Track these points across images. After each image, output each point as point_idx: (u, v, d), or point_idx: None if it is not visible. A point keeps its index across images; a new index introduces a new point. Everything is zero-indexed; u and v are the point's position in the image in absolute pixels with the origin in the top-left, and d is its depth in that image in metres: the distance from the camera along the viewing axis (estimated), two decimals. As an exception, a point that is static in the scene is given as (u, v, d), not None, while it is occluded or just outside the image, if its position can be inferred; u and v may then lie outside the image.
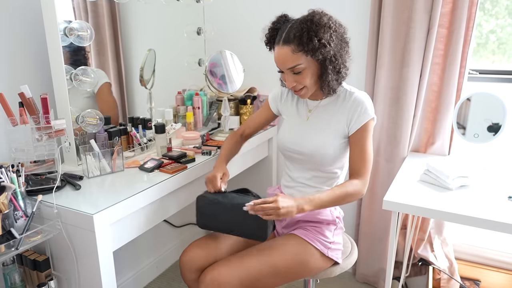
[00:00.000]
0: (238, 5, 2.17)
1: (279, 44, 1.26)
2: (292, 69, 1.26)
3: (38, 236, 1.14)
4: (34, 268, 1.24)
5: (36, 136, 1.23)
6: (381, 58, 1.78)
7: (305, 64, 1.25)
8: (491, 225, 1.26)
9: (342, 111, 1.34)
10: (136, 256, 2.08)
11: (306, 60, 1.24)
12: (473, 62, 1.86)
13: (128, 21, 1.75)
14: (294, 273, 1.32)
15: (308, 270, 1.34)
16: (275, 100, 1.52)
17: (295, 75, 1.27)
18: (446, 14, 1.66)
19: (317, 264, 1.35)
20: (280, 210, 1.16)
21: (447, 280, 1.86)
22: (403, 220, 1.91)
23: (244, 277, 1.23)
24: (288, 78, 1.29)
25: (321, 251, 1.34)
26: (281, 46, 1.25)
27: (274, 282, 1.30)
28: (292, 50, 1.23)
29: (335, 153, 1.34)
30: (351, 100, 1.33)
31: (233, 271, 1.23)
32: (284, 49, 1.24)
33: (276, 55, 1.28)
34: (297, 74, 1.27)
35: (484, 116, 1.68)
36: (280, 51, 1.25)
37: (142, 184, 1.32)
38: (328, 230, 1.38)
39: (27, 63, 1.47)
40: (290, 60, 1.24)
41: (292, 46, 1.23)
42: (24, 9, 1.44)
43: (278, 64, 1.29)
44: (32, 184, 1.25)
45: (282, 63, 1.27)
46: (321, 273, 1.37)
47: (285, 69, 1.27)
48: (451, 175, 1.45)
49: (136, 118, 1.68)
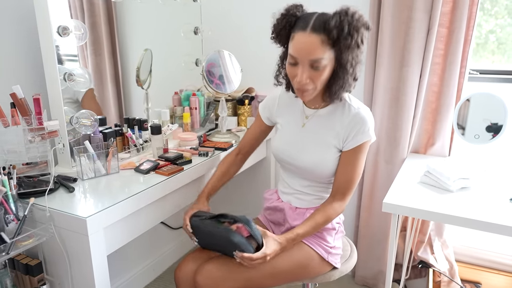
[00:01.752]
0: (236, 5, 2.14)
1: (305, 31, 1.10)
2: (313, 63, 1.11)
3: (30, 240, 1.11)
4: (26, 273, 1.22)
5: (29, 138, 1.20)
6: (380, 58, 1.76)
7: (327, 61, 1.12)
8: (492, 228, 1.23)
9: (341, 125, 1.25)
10: (132, 259, 2.05)
11: (329, 57, 1.12)
12: (473, 62, 1.84)
13: (124, 20, 1.73)
14: (293, 275, 1.29)
15: (306, 273, 1.31)
16: (268, 108, 1.42)
17: (312, 70, 1.13)
18: (446, 14, 1.64)
19: (316, 268, 1.32)
20: (267, 259, 1.15)
21: (447, 283, 1.84)
22: (403, 222, 1.89)
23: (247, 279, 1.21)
24: (303, 72, 1.14)
25: (321, 255, 1.32)
26: (309, 33, 1.09)
27: (272, 282, 1.27)
28: (322, 41, 1.09)
29: (334, 168, 1.28)
30: (351, 115, 1.24)
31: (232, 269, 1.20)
32: (312, 37, 1.09)
33: (298, 42, 1.12)
34: (315, 70, 1.13)
35: (484, 117, 1.66)
36: (307, 38, 1.10)
37: (138, 186, 1.29)
38: (329, 235, 1.35)
39: (19, 62, 1.44)
40: (316, 52, 1.10)
41: (323, 36, 1.09)
42: (16, 8, 1.41)
43: (298, 53, 1.12)
44: (24, 186, 1.22)
45: (306, 53, 1.11)
46: (320, 277, 1.35)
47: (305, 61, 1.12)
48: (452, 177, 1.43)
49: (132, 119, 1.66)
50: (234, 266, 1.20)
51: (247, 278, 1.21)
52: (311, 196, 1.36)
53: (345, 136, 1.24)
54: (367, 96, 1.85)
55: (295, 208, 1.37)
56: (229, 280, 1.20)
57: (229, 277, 1.20)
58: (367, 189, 1.93)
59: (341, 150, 1.27)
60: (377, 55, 1.77)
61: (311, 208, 1.36)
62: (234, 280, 1.20)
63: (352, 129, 1.23)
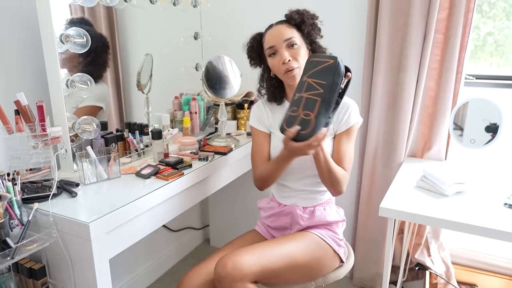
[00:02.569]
0: (235, 10, 2.17)
1: (271, 27, 1.37)
2: (288, 41, 1.32)
3: (34, 245, 1.13)
4: (30, 276, 1.24)
5: (32, 144, 1.22)
6: (378, 63, 1.78)
7: (298, 41, 1.34)
8: (487, 233, 1.26)
9: None
10: (133, 261, 2.08)
11: (299, 37, 1.35)
12: (471, 65, 1.87)
13: (125, 26, 1.75)
14: (310, 269, 1.33)
15: (321, 267, 1.35)
16: (260, 118, 1.47)
17: (290, 48, 1.33)
18: (442, 20, 1.67)
19: (327, 261, 1.37)
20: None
21: (443, 285, 1.86)
22: (400, 225, 1.92)
23: (265, 266, 1.23)
24: (283, 54, 1.32)
25: (333, 248, 1.38)
26: (275, 25, 1.37)
27: (291, 277, 1.30)
28: (287, 26, 1.35)
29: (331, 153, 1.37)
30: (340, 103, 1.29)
31: (256, 259, 1.23)
32: (278, 26, 1.36)
33: (271, 33, 1.36)
34: (292, 48, 1.33)
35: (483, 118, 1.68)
36: (275, 28, 1.36)
37: (139, 191, 1.31)
38: (338, 227, 1.43)
39: (23, 70, 1.47)
40: (286, 32, 1.33)
41: (286, 24, 1.36)
42: (19, 17, 1.43)
43: (273, 40, 1.34)
44: (28, 192, 1.24)
45: (279, 37, 1.33)
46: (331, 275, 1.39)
47: (281, 42, 1.32)
48: (448, 182, 1.46)
49: (133, 123, 1.68)
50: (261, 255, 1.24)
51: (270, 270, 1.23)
52: (317, 193, 1.42)
53: (338, 121, 1.37)
54: (365, 101, 1.88)
55: (303, 208, 1.42)
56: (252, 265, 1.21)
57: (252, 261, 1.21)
58: (364, 192, 1.96)
59: (334, 134, 1.39)
60: (375, 61, 1.79)
61: (319, 204, 1.42)
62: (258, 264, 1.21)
63: (343, 114, 1.37)
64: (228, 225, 2.45)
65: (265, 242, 1.35)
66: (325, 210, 1.42)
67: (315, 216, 1.41)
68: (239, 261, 1.20)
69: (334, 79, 1.16)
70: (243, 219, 2.38)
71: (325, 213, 1.42)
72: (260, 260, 1.23)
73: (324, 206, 1.43)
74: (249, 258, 1.22)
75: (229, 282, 1.18)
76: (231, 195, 2.32)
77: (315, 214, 1.41)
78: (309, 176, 1.40)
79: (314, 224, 1.41)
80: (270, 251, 1.27)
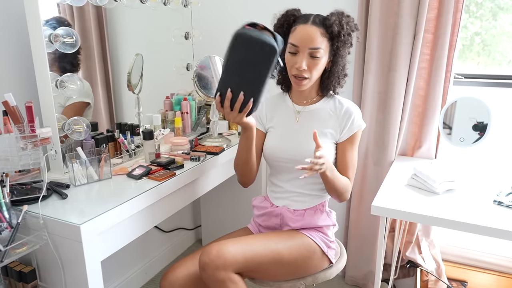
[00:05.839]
0: (226, 10, 2.16)
1: (306, 23, 1.26)
2: (313, 51, 1.25)
3: (24, 248, 1.12)
4: (20, 280, 1.22)
5: (21, 145, 1.21)
6: (368, 63, 1.79)
7: (323, 52, 1.27)
8: (477, 230, 1.28)
9: (336, 118, 1.37)
10: (125, 262, 2.06)
11: (326, 49, 1.28)
12: (459, 64, 1.89)
13: (115, 25, 1.74)
14: (296, 267, 1.32)
15: (308, 266, 1.35)
16: (258, 118, 1.45)
17: (311, 58, 1.27)
18: (431, 20, 1.68)
19: (316, 261, 1.36)
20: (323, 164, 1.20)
21: (434, 282, 1.88)
22: (392, 223, 1.93)
23: (250, 257, 1.23)
24: (302, 59, 1.26)
25: (322, 249, 1.37)
26: (310, 25, 1.25)
27: (276, 272, 1.30)
28: (321, 33, 1.25)
29: (331, 158, 1.36)
30: (344, 109, 1.37)
31: (240, 249, 1.22)
32: (313, 28, 1.25)
33: (300, 32, 1.26)
34: (313, 59, 1.27)
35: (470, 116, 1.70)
36: (308, 29, 1.25)
37: (130, 192, 1.30)
38: (329, 230, 1.43)
39: (11, 70, 1.45)
40: (316, 41, 1.25)
41: (322, 30, 1.25)
42: (7, 16, 1.41)
43: (299, 41, 1.26)
44: (17, 194, 1.22)
45: (307, 41, 1.25)
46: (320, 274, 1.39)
47: (306, 49, 1.25)
48: (438, 180, 1.47)
49: (123, 124, 1.67)
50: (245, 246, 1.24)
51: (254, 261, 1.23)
52: (309, 196, 1.41)
53: (341, 128, 1.37)
54: (356, 100, 1.89)
55: (294, 210, 1.41)
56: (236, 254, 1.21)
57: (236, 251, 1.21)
58: (356, 191, 1.97)
59: (337, 141, 1.38)
60: (365, 60, 1.80)
61: (310, 208, 1.40)
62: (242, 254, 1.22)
63: (346, 121, 1.36)
64: (220, 225, 2.45)
65: (252, 235, 1.35)
66: (316, 214, 1.41)
67: (305, 220, 1.39)
68: (223, 250, 1.19)
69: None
70: (235, 219, 2.37)
71: (315, 217, 1.40)
72: (244, 251, 1.23)
73: (315, 210, 1.41)
74: (233, 248, 1.22)
75: (212, 269, 1.17)
76: (223, 195, 2.32)
77: (305, 217, 1.40)
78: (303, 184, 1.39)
79: (304, 227, 1.40)
80: (256, 243, 1.27)
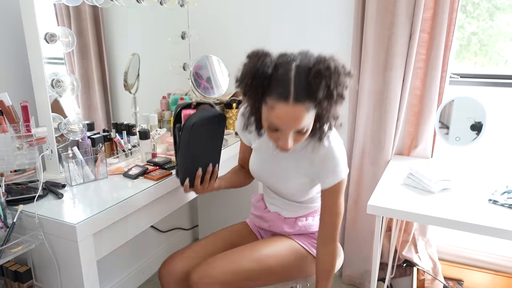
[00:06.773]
0: (223, 9, 2.16)
1: (287, 102, 0.99)
2: (299, 130, 1.04)
3: (19, 247, 1.12)
4: (15, 280, 1.22)
5: (17, 145, 1.20)
6: (364, 62, 1.80)
7: (310, 122, 1.05)
8: (473, 228, 1.28)
9: (311, 162, 1.19)
10: (121, 262, 2.06)
11: (312, 116, 1.04)
12: (456, 64, 1.90)
13: (111, 25, 1.73)
14: (287, 273, 1.32)
15: (299, 271, 1.34)
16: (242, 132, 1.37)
17: (297, 134, 1.06)
18: (427, 20, 1.69)
19: (308, 266, 1.35)
20: None
21: (431, 281, 1.89)
22: (388, 222, 1.94)
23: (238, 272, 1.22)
24: (287, 138, 1.05)
25: (313, 255, 1.35)
26: (292, 105, 0.99)
27: (267, 279, 1.29)
28: (307, 109, 1.00)
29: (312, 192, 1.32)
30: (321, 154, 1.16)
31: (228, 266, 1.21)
32: (296, 108, 0.99)
33: (281, 113, 1.00)
34: (299, 134, 1.06)
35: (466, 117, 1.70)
36: (290, 110, 0.99)
37: (127, 192, 1.30)
38: None
39: (7, 70, 1.44)
40: (303, 121, 1.02)
41: (307, 104, 0.99)
42: (2, 16, 1.41)
43: (283, 124, 1.02)
44: (12, 193, 1.22)
45: (291, 123, 1.02)
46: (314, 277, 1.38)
47: (291, 130, 1.04)
48: (434, 179, 1.48)
49: (120, 124, 1.67)
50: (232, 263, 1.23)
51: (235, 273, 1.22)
52: (298, 206, 1.37)
53: (316, 173, 1.20)
54: (352, 100, 1.89)
55: (285, 218, 1.38)
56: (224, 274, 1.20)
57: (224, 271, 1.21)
58: (353, 191, 1.97)
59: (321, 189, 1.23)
60: (362, 60, 1.81)
61: (301, 216, 1.38)
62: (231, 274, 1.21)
63: (322, 168, 1.17)
64: (218, 225, 2.43)
65: (240, 248, 1.30)
66: (307, 221, 1.37)
67: (297, 226, 1.37)
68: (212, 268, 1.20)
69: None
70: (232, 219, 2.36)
71: (306, 223, 1.37)
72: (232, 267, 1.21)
73: (307, 217, 1.38)
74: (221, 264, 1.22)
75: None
76: (220, 195, 2.32)
77: (297, 224, 1.37)
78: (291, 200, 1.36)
79: (295, 233, 1.38)
80: (243, 259, 1.24)
